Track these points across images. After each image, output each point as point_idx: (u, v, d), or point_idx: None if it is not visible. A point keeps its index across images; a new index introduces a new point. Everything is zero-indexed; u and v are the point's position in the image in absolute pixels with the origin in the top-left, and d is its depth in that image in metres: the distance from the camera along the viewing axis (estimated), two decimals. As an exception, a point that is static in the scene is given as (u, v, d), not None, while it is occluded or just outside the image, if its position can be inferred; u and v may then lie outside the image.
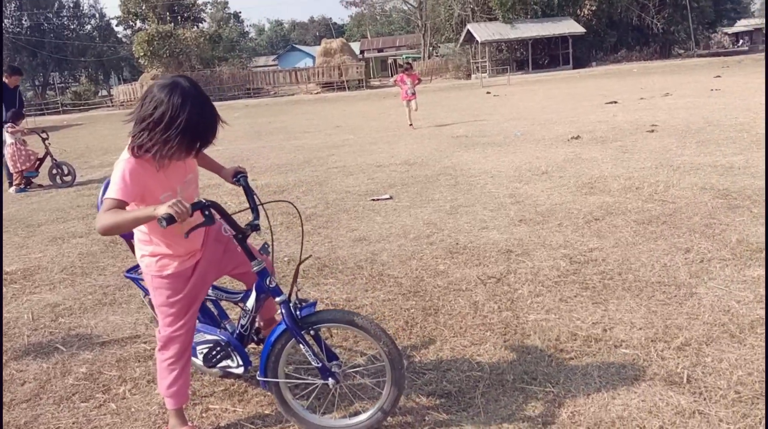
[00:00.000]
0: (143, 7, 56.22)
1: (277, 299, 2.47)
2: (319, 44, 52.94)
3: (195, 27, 57.24)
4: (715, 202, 5.73)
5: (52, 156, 10.13)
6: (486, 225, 5.60)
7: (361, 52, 61.09)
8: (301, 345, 2.46)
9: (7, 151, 9.86)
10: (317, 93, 43.97)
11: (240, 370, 2.79)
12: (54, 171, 10.03)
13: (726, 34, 62.16)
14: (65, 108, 48.24)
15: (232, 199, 7.72)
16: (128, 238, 2.77)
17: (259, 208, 2.57)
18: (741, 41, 63.51)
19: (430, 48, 55.29)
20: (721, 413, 2.56)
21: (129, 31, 62.18)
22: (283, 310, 2.45)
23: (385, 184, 7.85)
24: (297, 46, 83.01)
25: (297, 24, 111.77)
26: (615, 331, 3.34)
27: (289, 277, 4.60)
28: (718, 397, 2.66)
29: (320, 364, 2.50)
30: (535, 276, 4.25)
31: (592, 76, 34.62)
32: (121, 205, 2.18)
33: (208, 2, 71.81)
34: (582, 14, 45.40)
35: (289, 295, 2.49)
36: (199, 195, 2.56)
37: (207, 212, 2.21)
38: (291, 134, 16.09)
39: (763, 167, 7.01)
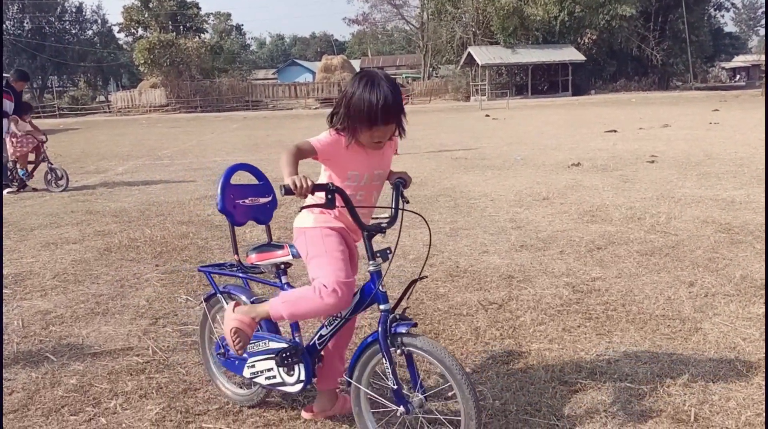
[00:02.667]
0: (146, 15, 56.45)
1: (382, 306, 2.40)
2: (320, 60, 53.28)
3: (197, 37, 57.49)
4: (717, 236, 5.70)
5: (48, 160, 10.04)
6: (486, 249, 5.55)
7: (361, 69, 61.35)
8: (383, 359, 2.38)
9: (8, 141, 9.83)
10: (316, 108, 44.10)
11: (296, 388, 2.65)
12: (49, 176, 9.94)
13: (723, 68, 62.92)
14: (62, 112, 48.16)
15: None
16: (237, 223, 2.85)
17: (397, 217, 2.51)
18: (738, 76, 64.29)
19: (430, 69, 55.67)
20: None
21: (130, 39, 62.34)
22: (381, 320, 2.39)
23: (383, 203, 7.78)
24: (297, 60, 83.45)
25: (298, 39, 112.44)
26: (620, 364, 3.28)
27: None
28: (726, 438, 2.59)
29: (396, 387, 2.40)
30: (537, 303, 4.18)
31: (591, 104, 34.89)
32: (307, 147, 2.38)
33: (211, 13, 72.23)
34: (583, 42, 45.90)
35: (394, 307, 2.43)
36: (378, 194, 2.64)
37: (330, 196, 2.26)
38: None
39: (764, 203, 7.00)
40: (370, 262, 2.42)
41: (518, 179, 9.40)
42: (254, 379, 2.78)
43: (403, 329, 2.35)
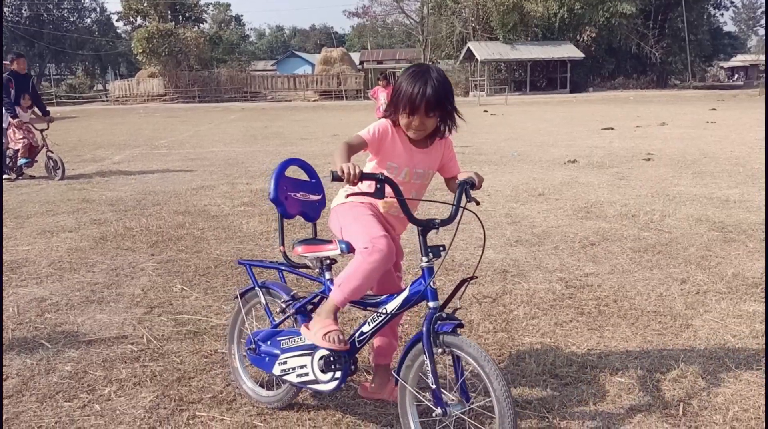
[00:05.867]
0: (145, 4, 56.16)
1: (431, 304, 2.35)
2: (319, 52, 53.13)
3: (196, 27, 57.29)
4: (710, 234, 5.74)
5: (48, 148, 10.03)
6: (482, 243, 5.57)
7: (361, 62, 61.25)
8: (425, 358, 2.33)
9: (7, 130, 9.82)
10: (315, 100, 44.01)
11: (330, 387, 2.57)
12: (50, 164, 9.93)
13: (722, 68, 62.97)
14: (59, 100, 47.99)
15: (225, 201, 7.66)
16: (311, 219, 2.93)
17: (459, 216, 2.42)
18: (736, 76, 64.35)
19: (430, 63, 55.56)
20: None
21: (129, 27, 62.03)
22: (427, 318, 2.33)
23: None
24: (297, 52, 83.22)
25: (298, 31, 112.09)
26: (611, 359, 3.31)
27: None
28: (714, 433, 2.63)
29: (434, 387, 2.32)
30: (530, 298, 4.21)
31: (589, 101, 34.91)
32: (357, 141, 2.47)
33: (211, 3, 71.91)
34: (582, 40, 45.84)
35: (443, 306, 2.38)
36: (417, 195, 2.65)
37: (379, 186, 2.28)
38: (287, 140, 16.05)
39: (759, 203, 7.04)
40: (423, 258, 2.37)
41: (514, 175, 9.43)
42: (284, 377, 2.71)
43: (447, 328, 2.29)
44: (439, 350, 2.31)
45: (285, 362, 2.69)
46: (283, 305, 2.79)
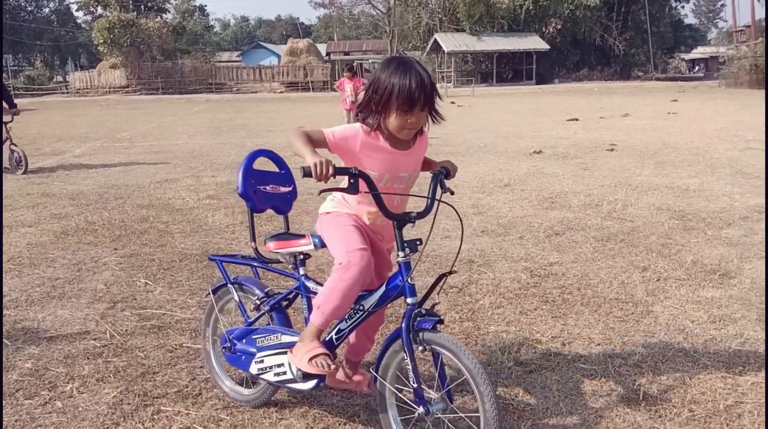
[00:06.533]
0: (106, -6, 54.87)
1: (409, 300, 2.28)
2: (285, 43, 52.64)
3: (158, 17, 56.23)
4: (671, 222, 5.87)
5: (12, 142, 9.74)
6: (449, 234, 5.61)
7: (328, 54, 60.89)
8: (404, 355, 2.27)
9: None
10: (281, 92, 43.64)
11: (308, 386, 2.49)
12: (13, 157, 9.65)
13: (683, 59, 64.25)
14: (17, 92, 46.65)
15: (190, 194, 7.56)
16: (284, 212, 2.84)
17: (435, 208, 2.35)
18: (697, 68, 65.75)
19: (397, 54, 55.57)
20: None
21: (89, 17, 60.58)
22: (406, 314, 2.26)
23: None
24: (262, 43, 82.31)
25: (263, 21, 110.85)
26: (574, 346, 3.37)
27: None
28: (672, 415, 2.70)
29: (416, 386, 2.27)
30: (496, 287, 4.26)
31: (554, 93, 35.31)
32: (318, 137, 2.30)
33: (174, -7, 70.52)
34: (547, 31, 46.32)
35: (421, 302, 2.30)
36: (407, 199, 2.53)
37: (353, 181, 2.19)
38: (253, 132, 15.89)
39: (717, 191, 7.22)
40: (399, 253, 2.31)
41: (481, 166, 9.50)
42: (261, 376, 2.64)
43: (426, 325, 2.23)
44: (420, 348, 2.26)
45: (261, 361, 2.62)
46: (258, 302, 2.73)
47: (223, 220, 6.24)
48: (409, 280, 2.30)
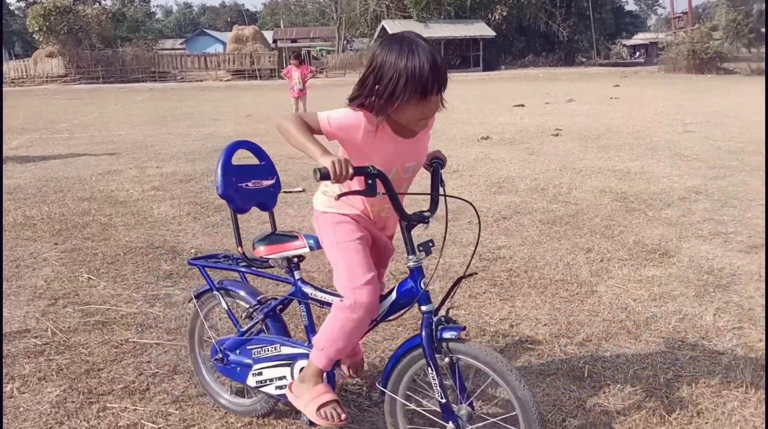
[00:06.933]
0: (40, -21, 52.62)
1: (424, 308, 2.09)
2: (230, 30, 51.61)
3: (96, 3, 54.28)
4: (613, 204, 6.04)
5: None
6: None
7: (274, 41, 59.99)
8: (429, 369, 2.07)
9: None
10: (227, 80, 42.83)
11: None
12: None
13: (624, 45, 65.88)
14: (-53, 82, 44.38)
15: (133, 186, 7.37)
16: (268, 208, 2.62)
17: (441, 203, 2.23)
18: (638, 53, 67.52)
19: (345, 42, 55.20)
20: (619, 406, 2.68)
21: (23, 4, 58.03)
22: (424, 323, 2.08)
23: (297, 176, 7.74)
24: (207, 30, 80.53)
25: (207, 8, 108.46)
26: (521, 327, 3.44)
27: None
28: (615, 391, 2.79)
29: (443, 401, 2.10)
30: (446, 272, 4.30)
31: (501, 79, 35.75)
32: (313, 124, 2.02)
33: (112, -22, 68.19)
34: (493, 18, 46.75)
35: (438, 308, 2.12)
36: (407, 187, 2.28)
37: (370, 181, 1.95)
38: (199, 121, 15.57)
39: (657, 173, 7.46)
40: (410, 257, 2.11)
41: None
42: (261, 389, 2.48)
43: (450, 334, 2.04)
44: (446, 359, 2.06)
45: (260, 373, 2.46)
46: (250, 310, 2.53)
47: (168, 212, 6.10)
48: (423, 285, 2.12)
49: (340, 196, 2.09)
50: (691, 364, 3.00)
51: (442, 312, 2.12)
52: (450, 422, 2.12)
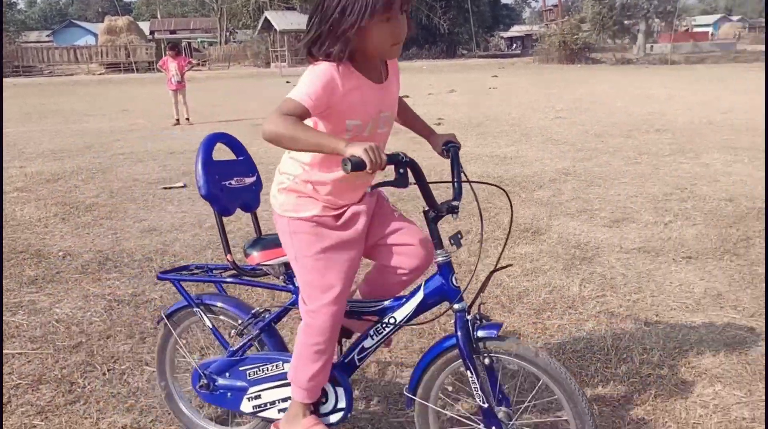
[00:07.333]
0: None
1: (456, 306, 1.92)
2: (102, 21, 48.78)
3: (-53, -9, 49.39)
4: (490, 188, 6.29)
5: None
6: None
7: (152, 32, 57.39)
8: (468, 372, 1.90)
9: None
10: (101, 74, 40.48)
11: (333, 419, 2.10)
12: None
13: (502, 38, 68.67)
14: None
15: (52, 165, 6.81)
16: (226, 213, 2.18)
17: (464, 191, 2.07)
18: (515, 45, 70.52)
19: (227, 33, 53.77)
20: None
21: None
22: (458, 323, 1.91)
23: (178, 171, 7.45)
24: (76, 21, 75.64)
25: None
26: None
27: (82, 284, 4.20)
28: (491, 363, 2.91)
29: (486, 406, 1.92)
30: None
31: (386, 71, 36.18)
32: (297, 111, 1.71)
33: (-36, -36, 62.39)
34: (376, 10, 47.11)
35: (470, 307, 1.96)
36: (384, 146, 1.99)
37: (402, 170, 1.76)
38: (69, 117, 14.61)
39: (531, 158, 7.86)
40: (438, 252, 1.96)
41: (315, 143, 9.52)
42: (259, 414, 2.22)
43: (488, 333, 1.89)
44: (485, 360, 1.90)
45: (258, 396, 2.20)
46: (241, 326, 2.23)
47: (33, 214, 5.69)
48: (454, 282, 1.96)
49: (376, 186, 1.92)
50: (559, 333, 3.19)
51: (474, 309, 1.96)
52: (493, 427, 1.95)
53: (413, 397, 2.03)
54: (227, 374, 2.24)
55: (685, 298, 3.58)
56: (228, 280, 2.28)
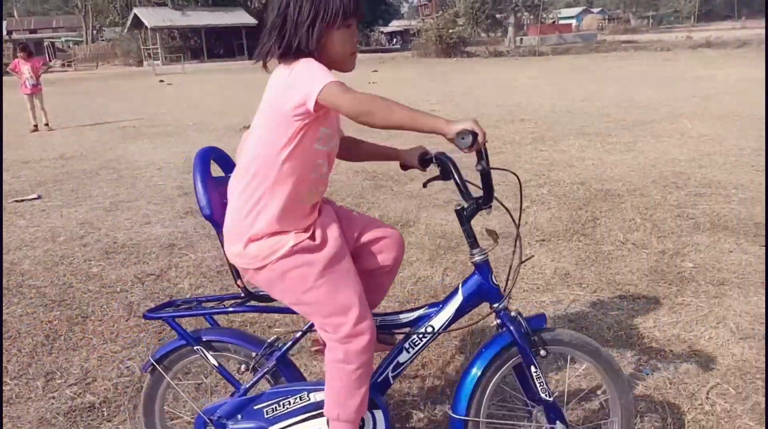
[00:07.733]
0: None
1: (497, 305, 1.85)
2: (-50, 20, 44.53)
3: None
4: (365, 183, 6.38)
5: None
6: (149, 220, 5.37)
7: (9, 32, 53.13)
8: (532, 368, 1.85)
9: None
10: (-49, 78, 36.99)
11: None
12: None
13: (383, 33, 69.56)
14: None
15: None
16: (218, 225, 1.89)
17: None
18: (395, 40, 71.65)
19: (94, 31, 50.81)
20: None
21: None
22: (506, 320, 1.84)
23: (33, 182, 6.97)
24: None
25: None
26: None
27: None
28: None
29: (551, 400, 1.87)
30: (197, 268, 4.21)
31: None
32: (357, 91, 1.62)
33: None
34: (253, 6, 46.34)
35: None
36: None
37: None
38: None
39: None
40: (474, 251, 1.85)
41: (188, 145, 9.22)
42: None
43: (541, 324, 1.87)
44: (542, 352, 1.86)
45: None
46: (252, 360, 1.99)
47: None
48: (494, 281, 1.88)
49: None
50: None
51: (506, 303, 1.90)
52: (558, 422, 1.90)
53: (465, 418, 1.89)
54: (239, 416, 2.01)
55: (536, 279, 3.81)
56: (228, 310, 2.04)
